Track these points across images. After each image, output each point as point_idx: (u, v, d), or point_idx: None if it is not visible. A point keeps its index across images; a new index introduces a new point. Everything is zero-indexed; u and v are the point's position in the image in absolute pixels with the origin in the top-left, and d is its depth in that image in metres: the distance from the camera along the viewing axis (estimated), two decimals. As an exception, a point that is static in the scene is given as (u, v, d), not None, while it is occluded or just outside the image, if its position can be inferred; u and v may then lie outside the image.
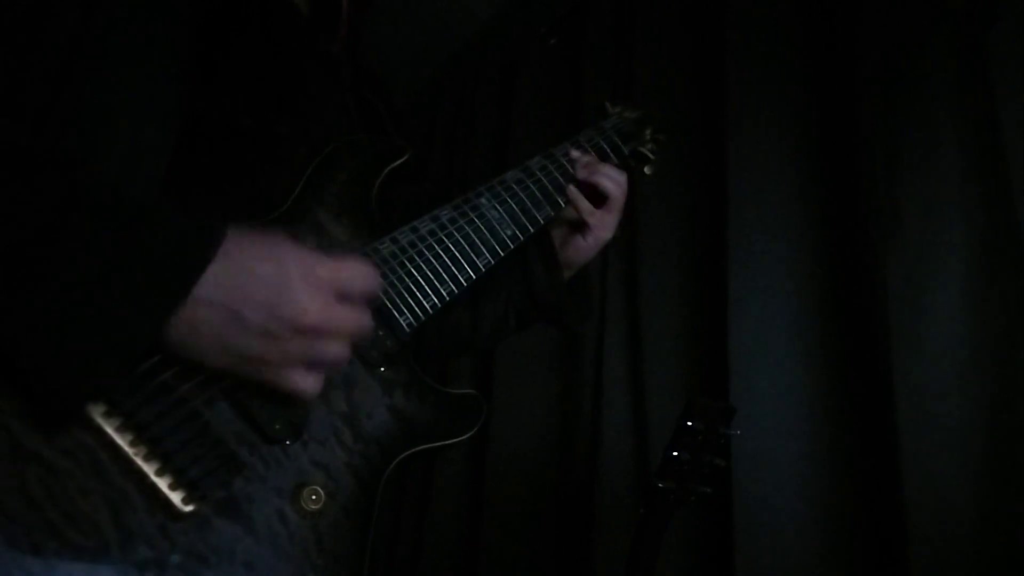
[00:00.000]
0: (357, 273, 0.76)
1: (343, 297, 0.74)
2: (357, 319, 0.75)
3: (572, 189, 1.16)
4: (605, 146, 1.24)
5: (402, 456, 0.86)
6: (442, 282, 0.96)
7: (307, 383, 0.73)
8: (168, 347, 0.69)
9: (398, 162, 0.97)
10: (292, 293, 0.70)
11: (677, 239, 2.13)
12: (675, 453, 1.26)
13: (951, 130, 1.62)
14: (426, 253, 0.95)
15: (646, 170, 1.34)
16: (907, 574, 1.45)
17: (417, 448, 0.88)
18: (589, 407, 2.20)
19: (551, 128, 2.67)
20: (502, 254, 1.04)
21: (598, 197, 1.18)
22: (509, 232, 1.06)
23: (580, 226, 1.18)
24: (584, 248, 1.20)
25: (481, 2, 2.94)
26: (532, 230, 1.09)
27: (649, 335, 2.09)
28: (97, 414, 0.68)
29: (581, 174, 1.17)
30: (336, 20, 1.08)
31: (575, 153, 1.19)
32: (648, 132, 1.34)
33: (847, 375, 1.70)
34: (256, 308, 0.69)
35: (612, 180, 1.18)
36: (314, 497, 0.78)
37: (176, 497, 0.70)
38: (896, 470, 1.50)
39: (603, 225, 1.19)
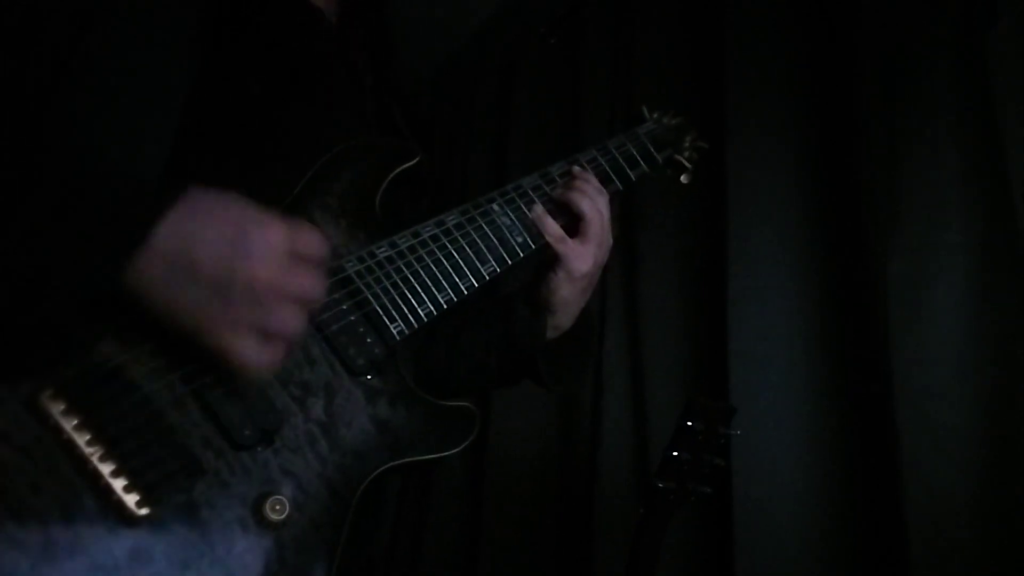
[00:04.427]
0: (311, 237, 0.74)
1: (297, 261, 0.72)
2: (311, 284, 0.73)
3: (538, 209, 1.01)
4: (635, 152, 1.17)
5: (381, 469, 0.82)
6: (440, 290, 0.91)
7: (257, 354, 0.70)
8: (126, 299, 0.68)
9: (407, 164, 0.94)
10: (248, 247, 0.69)
11: (677, 239, 2.13)
12: (675, 453, 1.26)
13: (951, 130, 1.62)
14: (426, 259, 0.91)
15: (683, 179, 1.27)
16: (907, 574, 1.45)
17: (398, 461, 0.84)
18: (589, 407, 2.20)
19: (551, 128, 2.67)
20: (510, 263, 0.98)
21: (575, 220, 1.03)
22: (520, 240, 0.99)
23: (553, 258, 1.01)
24: (558, 285, 1.01)
25: (481, 2, 2.94)
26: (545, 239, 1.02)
27: (649, 335, 2.09)
28: (56, 411, 0.67)
29: (556, 192, 1.03)
30: (359, 25, 1.07)
31: (576, 169, 1.07)
32: (688, 140, 1.28)
33: (847, 375, 1.70)
34: (209, 260, 0.68)
35: (587, 199, 1.02)
36: (277, 507, 0.74)
37: (130, 500, 0.68)
38: (896, 470, 1.50)
39: (576, 255, 1.00)
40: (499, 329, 1.09)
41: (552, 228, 1.01)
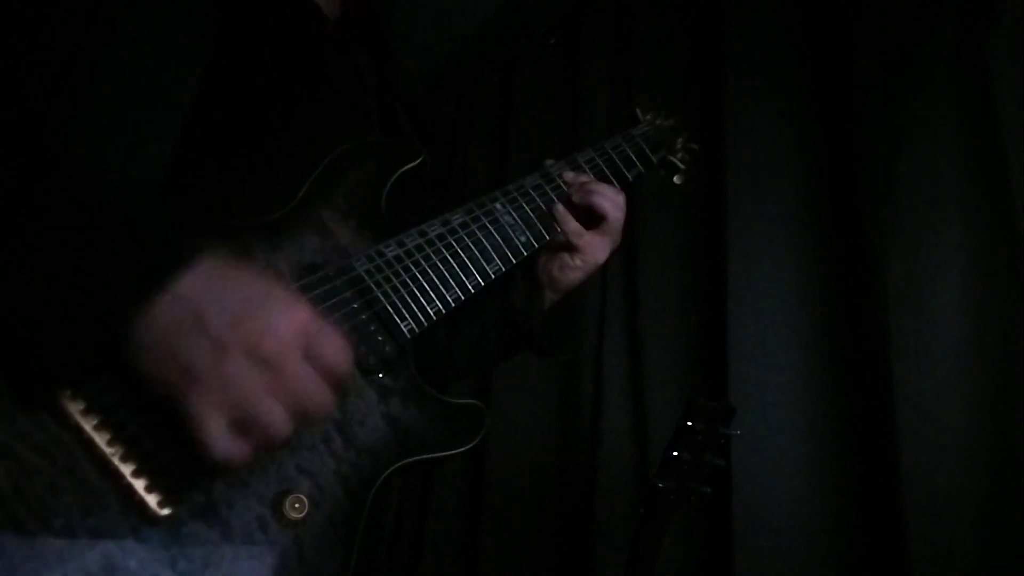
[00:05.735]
0: (333, 340, 0.69)
1: (314, 360, 0.67)
2: (320, 392, 0.68)
3: (559, 209, 1.09)
4: (631, 153, 1.20)
5: (395, 466, 0.83)
6: (448, 288, 0.93)
7: (222, 440, 0.64)
8: (128, 342, 0.64)
9: (411, 164, 0.95)
10: (264, 317, 0.65)
11: (677, 239, 2.13)
12: (675, 453, 1.26)
13: (951, 130, 1.62)
14: (433, 258, 0.93)
15: (676, 179, 1.31)
16: (907, 574, 1.45)
17: (411, 459, 0.85)
18: (589, 407, 2.20)
19: (551, 128, 2.67)
20: (514, 261, 1.01)
21: (593, 218, 1.11)
22: (523, 239, 1.02)
23: (569, 247, 1.11)
24: (572, 270, 1.12)
25: (481, 2, 2.94)
26: (548, 238, 1.06)
27: (649, 335, 2.09)
28: (75, 410, 0.66)
29: (576, 196, 1.11)
30: (360, 24, 1.08)
31: (570, 175, 1.13)
32: (680, 141, 1.31)
33: (847, 375, 1.70)
34: (218, 316, 0.64)
35: (610, 201, 1.10)
36: (297, 506, 0.75)
37: (152, 500, 0.67)
38: (896, 470, 1.51)
39: (594, 247, 1.11)
40: (495, 311, 1.14)
41: (573, 225, 1.09)
